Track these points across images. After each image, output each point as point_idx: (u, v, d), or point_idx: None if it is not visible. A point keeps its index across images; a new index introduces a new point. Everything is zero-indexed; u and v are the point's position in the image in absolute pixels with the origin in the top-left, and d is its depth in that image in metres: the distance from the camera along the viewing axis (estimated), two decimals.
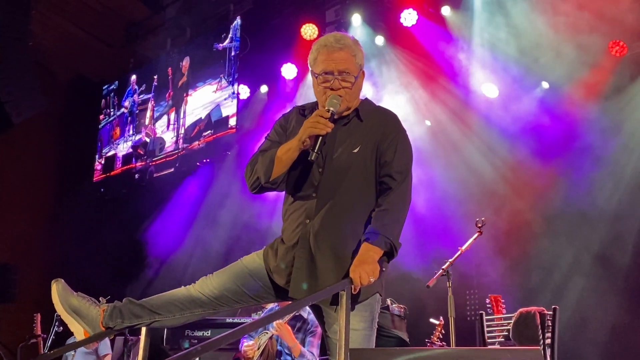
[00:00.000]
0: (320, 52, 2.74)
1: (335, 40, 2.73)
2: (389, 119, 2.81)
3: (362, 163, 2.68)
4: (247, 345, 5.28)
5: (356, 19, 7.51)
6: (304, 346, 5.14)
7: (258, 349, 5.20)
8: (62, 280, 2.70)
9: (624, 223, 6.08)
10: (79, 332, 2.64)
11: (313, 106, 2.86)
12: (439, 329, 5.29)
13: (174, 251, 8.53)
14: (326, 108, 2.64)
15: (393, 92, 7.47)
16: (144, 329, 2.80)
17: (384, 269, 2.65)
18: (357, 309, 2.59)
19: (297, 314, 5.24)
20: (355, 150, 2.69)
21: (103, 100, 9.97)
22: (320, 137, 2.61)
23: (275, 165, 2.70)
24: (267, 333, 5.25)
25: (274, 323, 5.11)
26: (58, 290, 2.66)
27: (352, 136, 2.73)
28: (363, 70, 2.82)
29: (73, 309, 2.64)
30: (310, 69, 2.83)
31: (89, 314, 2.63)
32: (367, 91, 2.57)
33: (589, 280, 6.05)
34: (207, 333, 5.43)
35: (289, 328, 5.14)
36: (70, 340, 6.51)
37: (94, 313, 2.63)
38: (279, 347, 5.21)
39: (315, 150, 2.61)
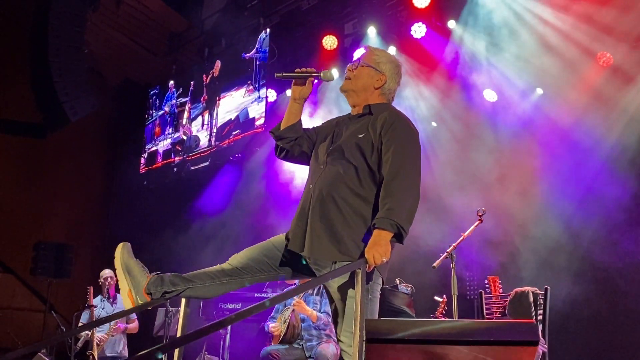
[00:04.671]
0: None
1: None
2: (394, 117, 2.81)
3: (364, 146, 2.73)
4: (273, 326, 5.27)
5: (371, 31, 7.44)
6: (322, 306, 5.13)
7: (284, 322, 5.18)
8: (129, 245, 2.76)
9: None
10: (124, 289, 2.68)
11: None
12: (443, 305, 5.24)
13: (208, 233, 8.55)
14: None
15: (403, 96, 7.42)
16: (183, 301, 2.83)
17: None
18: (352, 281, 2.55)
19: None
20: (360, 135, 2.78)
21: (149, 102, 10.05)
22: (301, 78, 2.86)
23: (285, 118, 2.97)
24: (289, 309, 5.22)
25: (292, 302, 5.12)
26: (122, 249, 2.72)
27: (361, 125, 2.83)
28: (379, 71, 2.90)
29: (128, 268, 2.68)
30: None
31: (137, 277, 2.67)
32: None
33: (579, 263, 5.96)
34: (238, 306, 5.45)
35: (302, 302, 5.14)
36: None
37: (142, 278, 2.67)
38: (301, 316, 5.20)
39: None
